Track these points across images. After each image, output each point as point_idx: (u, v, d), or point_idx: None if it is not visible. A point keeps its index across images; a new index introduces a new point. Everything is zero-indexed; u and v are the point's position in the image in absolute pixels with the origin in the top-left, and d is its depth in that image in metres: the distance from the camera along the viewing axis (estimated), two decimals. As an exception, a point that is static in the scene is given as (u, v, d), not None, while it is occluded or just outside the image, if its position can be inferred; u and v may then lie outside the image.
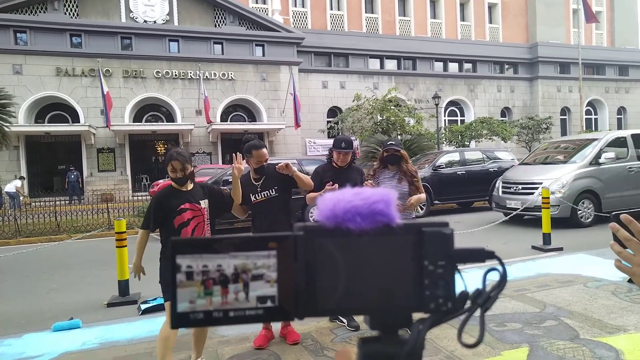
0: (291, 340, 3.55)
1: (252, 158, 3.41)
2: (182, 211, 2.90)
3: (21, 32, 19.48)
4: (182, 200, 2.92)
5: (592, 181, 8.74)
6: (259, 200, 3.46)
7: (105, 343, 3.75)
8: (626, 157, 9.16)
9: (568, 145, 10.12)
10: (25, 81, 19.18)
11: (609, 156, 8.81)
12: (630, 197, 8.64)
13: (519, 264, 5.70)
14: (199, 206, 2.96)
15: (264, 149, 3.44)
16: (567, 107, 30.47)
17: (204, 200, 3.02)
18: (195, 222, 2.94)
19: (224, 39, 22.03)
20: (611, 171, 8.93)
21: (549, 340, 3.30)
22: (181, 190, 2.97)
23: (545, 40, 29.87)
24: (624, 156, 9.17)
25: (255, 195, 3.46)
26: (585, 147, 9.22)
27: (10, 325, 4.48)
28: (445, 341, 3.34)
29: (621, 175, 9.01)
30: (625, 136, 9.39)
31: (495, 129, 22.17)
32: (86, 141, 20.18)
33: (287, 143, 22.60)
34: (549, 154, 10.18)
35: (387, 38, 26.80)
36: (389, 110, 19.84)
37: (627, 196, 8.70)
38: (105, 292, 5.30)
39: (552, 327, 3.57)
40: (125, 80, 20.64)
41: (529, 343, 3.29)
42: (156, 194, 3.06)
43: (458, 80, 28.03)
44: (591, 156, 8.90)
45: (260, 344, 3.45)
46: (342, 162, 3.81)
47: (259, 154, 3.39)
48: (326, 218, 0.37)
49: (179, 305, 0.34)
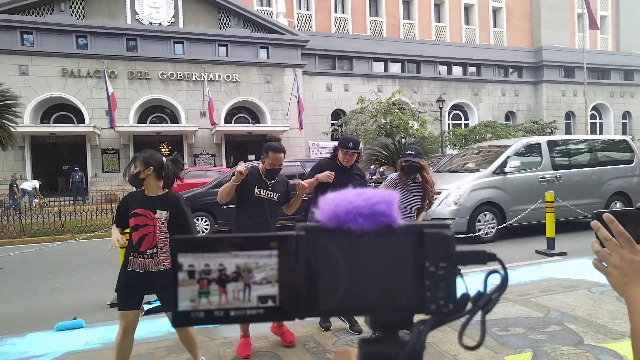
0: (288, 342, 3.51)
1: (267, 159, 3.39)
2: (134, 215, 2.78)
3: (28, 33, 19.64)
4: (138, 205, 2.80)
5: (493, 192, 7.85)
6: (262, 196, 3.42)
7: (108, 343, 3.75)
8: (539, 166, 8.35)
9: (485, 151, 9.29)
10: (31, 82, 19.31)
11: (514, 165, 7.98)
12: (541, 211, 7.06)
13: (522, 269, 5.67)
14: (152, 215, 2.78)
15: (282, 154, 3.41)
16: (572, 112, 30.37)
17: (163, 212, 2.80)
18: (144, 230, 2.77)
19: (228, 41, 22.12)
20: (517, 181, 8.04)
21: (552, 346, 3.28)
22: (145, 195, 2.84)
23: (550, 44, 29.82)
24: (536, 165, 8.37)
25: (261, 190, 3.42)
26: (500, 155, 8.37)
27: (14, 324, 4.49)
28: (448, 345, 3.33)
29: (531, 186, 8.06)
30: (540, 142, 8.62)
31: (499, 132, 22.13)
32: (91, 142, 20.29)
33: (290, 145, 22.63)
34: (466, 161, 9.39)
35: (392, 41, 26.82)
36: (393, 114, 19.82)
37: (539, 209, 7.36)
38: (108, 293, 5.31)
39: (555, 332, 3.55)
40: (130, 82, 20.75)
41: (533, 348, 3.27)
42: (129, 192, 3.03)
43: (462, 84, 28.01)
44: (496, 165, 8.07)
45: (248, 353, 3.35)
46: (348, 162, 3.76)
47: (275, 157, 3.37)
48: (328, 218, 0.37)
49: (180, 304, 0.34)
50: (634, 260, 0.72)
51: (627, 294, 0.73)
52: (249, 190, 3.36)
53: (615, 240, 0.73)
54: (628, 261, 0.72)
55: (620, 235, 0.73)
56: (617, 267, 0.73)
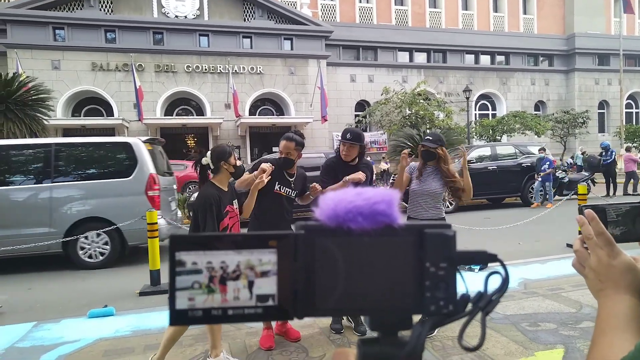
0: (293, 338, 3.51)
1: (279, 148, 3.46)
2: (226, 214, 2.99)
3: (59, 29, 20.20)
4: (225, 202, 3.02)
5: None
6: (281, 192, 3.42)
7: (138, 331, 3.88)
8: None
9: None
10: (63, 76, 19.90)
11: None
12: None
13: (553, 262, 5.53)
14: (233, 207, 3.08)
15: (290, 141, 3.38)
16: (606, 101, 29.22)
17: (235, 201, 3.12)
18: (232, 224, 3.03)
19: (252, 33, 22.20)
20: None
21: (585, 342, 3.20)
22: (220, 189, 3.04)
23: (584, 31, 28.67)
24: None
25: (281, 187, 3.42)
26: None
27: (49, 310, 4.69)
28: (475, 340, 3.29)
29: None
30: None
31: (529, 123, 21.53)
32: (120, 134, 20.79)
33: (314, 137, 22.63)
34: None
35: (417, 30, 26.35)
36: (418, 104, 19.55)
37: None
38: (137, 282, 5.48)
39: (589, 329, 3.45)
40: (157, 75, 21.13)
41: (565, 344, 3.20)
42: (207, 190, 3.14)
43: (490, 73, 27.30)
44: None
45: (271, 344, 3.38)
46: (347, 156, 3.54)
47: (283, 145, 3.39)
48: (327, 217, 0.37)
49: (178, 302, 0.34)
50: (610, 264, 0.66)
51: (599, 302, 0.67)
52: (269, 185, 3.31)
53: (597, 240, 0.67)
54: (604, 265, 0.66)
55: (599, 235, 0.67)
56: (594, 271, 0.68)
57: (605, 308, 0.66)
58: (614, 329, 0.62)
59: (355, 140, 3.51)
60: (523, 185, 12.08)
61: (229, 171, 2.99)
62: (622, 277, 0.65)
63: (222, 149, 3.02)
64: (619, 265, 0.66)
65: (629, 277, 0.65)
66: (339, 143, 3.66)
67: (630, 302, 0.64)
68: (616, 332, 0.62)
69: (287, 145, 3.39)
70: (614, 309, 0.64)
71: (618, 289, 0.65)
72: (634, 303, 0.64)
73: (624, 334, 0.61)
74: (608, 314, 0.65)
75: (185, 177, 15.82)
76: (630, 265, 0.66)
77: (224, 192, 2.98)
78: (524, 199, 12.13)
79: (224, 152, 2.99)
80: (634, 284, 0.65)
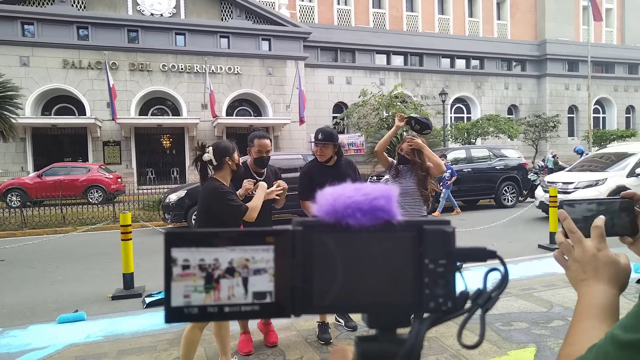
0: (270, 342, 3.45)
1: (254, 147, 3.36)
2: None
3: (28, 24, 19.56)
4: None
5: None
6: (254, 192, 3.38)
7: (110, 336, 3.77)
8: None
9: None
10: (32, 73, 19.27)
11: None
12: None
13: (525, 263, 5.66)
14: None
15: (267, 139, 3.38)
16: (575, 106, 30.20)
17: None
18: None
19: (230, 32, 22.00)
20: None
21: (556, 341, 3.28)
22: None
23: (554, 38, 29.58)
24: None
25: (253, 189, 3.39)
26: None
27: (16, 316, 4.52)
28: (451, 340, 3.33)
29: None
30: None
31: (502, 126, 22.03)
32: (92, 134, 20.28)
33: (292, 138, 22.59)
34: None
35: (394, 34, 26.65)
36: (395, 107, 19.74)
37: None
38: (110, 285, 5.34)
39: (559, 327, 3.55)
40: (132, 74, 20.70)
41: (536, 343, 3.28)
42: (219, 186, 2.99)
43: (465, 77, 27.85)
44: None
45: (249, 349, 3.34)
46: (322, 156, 3.50)
47: (260, 143, 3.33)
48: (326, 213, 0.36)
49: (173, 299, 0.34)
50: (595, 256, 0.68)
51: (580, 291, 0.70)
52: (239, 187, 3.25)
53: (580, 234, 0.70)
54: (589, 256, 0.69)
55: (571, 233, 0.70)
56: (577, 262, 0.70)
57: (585, 297, 0.67)
58: (591, 318, 0.64)
59: (327, 139, 3.47)
60: (497, 188, 12.34)
61: (232, 168, 2.88)
62: (605, 268, 0.68)
63: (227, 144, 2.91)
64: (603, 257, 0.68)
65: (612, 270, 0.68)
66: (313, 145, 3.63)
67: (610, 294, 0.66)
68: (593, 321, 0.64)
69: (264, 143, 3.35)
70: (593, 299, 0.66)
71: (599, 280, 0.67)
72: (613, 295, 0.66)
73: (600, 324, 0.63)
74: (588, 303, 0.66)
75: (87, 180, 15.19)
76: (614, 259, 0.69)
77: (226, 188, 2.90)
78: (497, 201, 12.39)
79: (228, 147, 2.87)
80: (615, 277, 0.67)
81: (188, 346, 2.73)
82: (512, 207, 11.98)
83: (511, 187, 12.51)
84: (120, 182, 16.56)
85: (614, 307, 0.66)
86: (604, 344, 0.50)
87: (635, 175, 8.92)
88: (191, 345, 2.73)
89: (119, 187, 16.05)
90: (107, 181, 15.57)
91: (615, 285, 0.67)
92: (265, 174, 3.48)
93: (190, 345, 2.73)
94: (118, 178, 16.51)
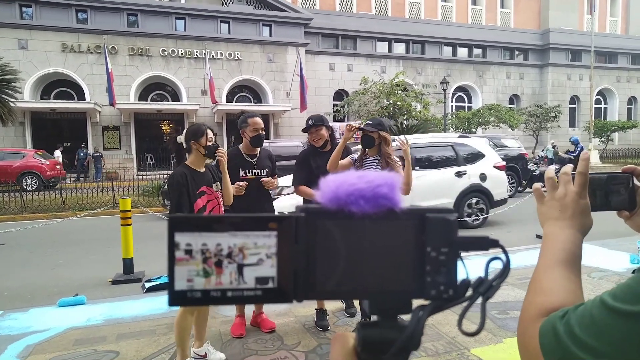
0: (267, 328, 3.48)
1: (249, 127, 3.36)
2: (200, 194, 2.86)
3: (27, 7, 19.35)
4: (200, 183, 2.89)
5: None
6: (249, 177, 3.37)
7: (110, 320, 3.81)
8: None
9: None
10: (31, 57, 19.12)
11: None
12: None
13: (522, 252, 5.69)
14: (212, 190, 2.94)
15: (258, 117, 3.43)
16: (577, 96, 30.09)
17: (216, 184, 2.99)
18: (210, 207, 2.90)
19: (230, 17, 21.79)
20: None
21: (549, 329, 3.31)
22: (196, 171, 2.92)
23: (558, 27, 29.34)
24: None
25: (246, 171, 3.38)
26: None
27: (17, 299, 4.56)
28: (447, 327, 3.37)
29: None
30: None
31: (503, 116, 21.99)
32: (91, 119, 20.20)
33: (292, 125, 22.53)
34: None
35: (396, 21, 26.41)
36: (396, 95, 19.68)
37: None
38: (109, 270, 5.37)
39: (553, 316, 3.58)
40: (131, 58, 20.54)
41: (530, 331, 3.31)
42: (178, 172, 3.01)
43: (467, 66, 27.69)
44: None
45: (241, 332, 3.38)
46: (318, 141, 3.54)
47: (254, 121, 3.37)
48: (329, 200, 0.36)
49: (177, 283, 0.34)
50: (577, 200, 0.69)
51: (548, 229, 0.71)
52: (234, 173, 3.29)
53: (570, 177, 0.71)
54: (571, 199, 0.70)
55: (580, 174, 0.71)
56: (557, 200, 0.71)
57: (556, 237, 0.68)
58: (560, 265, 0.65)
59: (318, 122, 3.53)
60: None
61: (200, 152, 2.86)
62: (581, 216, 0.69)
63: (195, 128, 2.90)
64: (583, 205, 0.70)
65: (585, 219, 0.70)
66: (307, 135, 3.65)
67: (579, 242, 0.68)
68: (562, 269, 0.64)
69: (258, 121, 3.40)
70: (566, 243, 0.67)
71: (573, 225, 0.69)
72: (581, 242, 0.68)
73: (569, 274, 0.64)
74: (558, 246, 0.67)
75: (20, 167, 14.64)
76: (589, 211, 0.71)
77: (197, 172, 2.87)
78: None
79: (195, 131, 2.87)
80: (586, 227, 0.70)
81: (181, 331, 2.79)
82: (511, 197, 12.00)
83: (510, 177, 12.52)
84: (59, 169, 15.95)
85: (580, 256, 0.67)
86: (591, 306, 0.51)
87: None
88: (185, 330, 2.80)
89: (56, 173, 15.42)
90: (43, 167, 15.00)
91: (583, 235, 0.69)
92: (258, 155, 3.47)
93: (184, 330, 2.80)
94: (56, 164, 15.92)
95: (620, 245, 5.67)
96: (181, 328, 2.79)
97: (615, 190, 0.77)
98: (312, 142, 3.59)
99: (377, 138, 3.18)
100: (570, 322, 0.52)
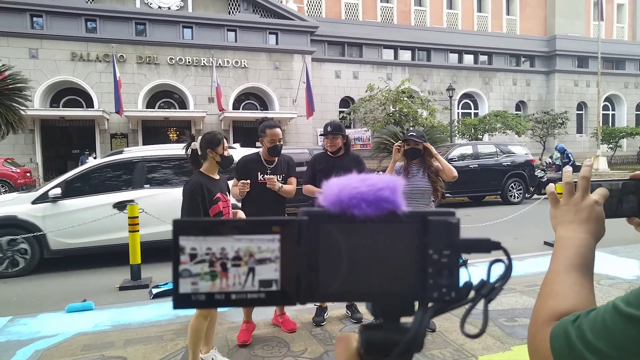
0: (288, 329, 3.54)
1: (266, 137, 3.45)
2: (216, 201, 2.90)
3: (37, 16, 19.64)
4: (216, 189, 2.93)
5: None
6: (264, 181, 3.43)
7: (118, 325, 3.82)
8: None
9: None
10: (41, 65, 19.38)
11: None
12: None
13: (530, 259, 5.64)
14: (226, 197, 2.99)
15: (278, 128, 3.50)
16: (584, 102, 29.90)
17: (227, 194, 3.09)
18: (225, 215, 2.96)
19: (237, 26, 21.98)
20: None
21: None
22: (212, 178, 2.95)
23: (564, 33, 29.24)
24: None
25: (264, 176, 3.46)
26: None
27: (25, 305, 4.59)
28: (454, 334, 3.34)
29: None
30: None
31: (510, 122, 21.89)
32: (100, 126, 20.39)
33: (298, 133, 22.58)
34: None
35: (402, 28, 26.48)
36: (402, 102, 19.70)
37: None
38: (117, 276, 5.40)
39: (561, 324, 3.54)
40: (139, 66, 20.76)
41: (538, 338, 3.27)
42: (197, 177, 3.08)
43: (473, 73, 27.65)
44: None
45: (245, 339, 3.36)
46: (332, 147, 3.68)
47: (272, 133, 3.44)
48: (331, 203, 0.37)
49: (181, 286, 0.35)
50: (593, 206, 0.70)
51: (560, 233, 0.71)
52: (253, 177, 3.42)
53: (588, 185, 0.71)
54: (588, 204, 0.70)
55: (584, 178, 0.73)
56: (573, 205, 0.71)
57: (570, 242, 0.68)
58: (574, 268, 0.64)
59: (336, 130, 3.66)
60: (503, 184, 12.30)
61: (215, 160, 2.90)
62: (595, 221, 0.70)
63: (212, 136, 2.93)
64: (599, 212, 0.70)
65: (599, 226, 0.70)
66: (323, 139, 3.79)
67: (593, 246, 0.68)
68: (575, 273, 0.64)
69: (276, 132, 3.47)
70: (579, 247, 0.67)
71: (588, 231, 0.69)
72: (594, 247, 0.68)
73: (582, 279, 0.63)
74: (573, 251, 0.67)
75: None
76: (603, 217, 0.71)
77: (212, 180, 2.90)
78: (504, 197, 12.35)
79: (212, 139, 2.90)
80: (598, 232, 0.70)
81: (195, 334, 2.80)
82: (518, 203, 11.91)
83: (518, 183, 12.47)
84: (30, 176, 16.14)
85: (592, 261, 0.67)
86: (603, 311, 0.51)
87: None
88: (198, 333, 2.80)
89: (27, 181, 15.62)
90: (14, 175, 15.23)
91: (596, 241, 0.69)
92: (275, 162, 3.56)
93: (197, 333, 2.80)
94: (27, 172, 16.11)
95: (629, 253, 5.60)
96: (196, 331, 2.80)
97: (625, 197, 0.77)
98: (326, 146, 3.74)
99: (421, 149, 3.52)
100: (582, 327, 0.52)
